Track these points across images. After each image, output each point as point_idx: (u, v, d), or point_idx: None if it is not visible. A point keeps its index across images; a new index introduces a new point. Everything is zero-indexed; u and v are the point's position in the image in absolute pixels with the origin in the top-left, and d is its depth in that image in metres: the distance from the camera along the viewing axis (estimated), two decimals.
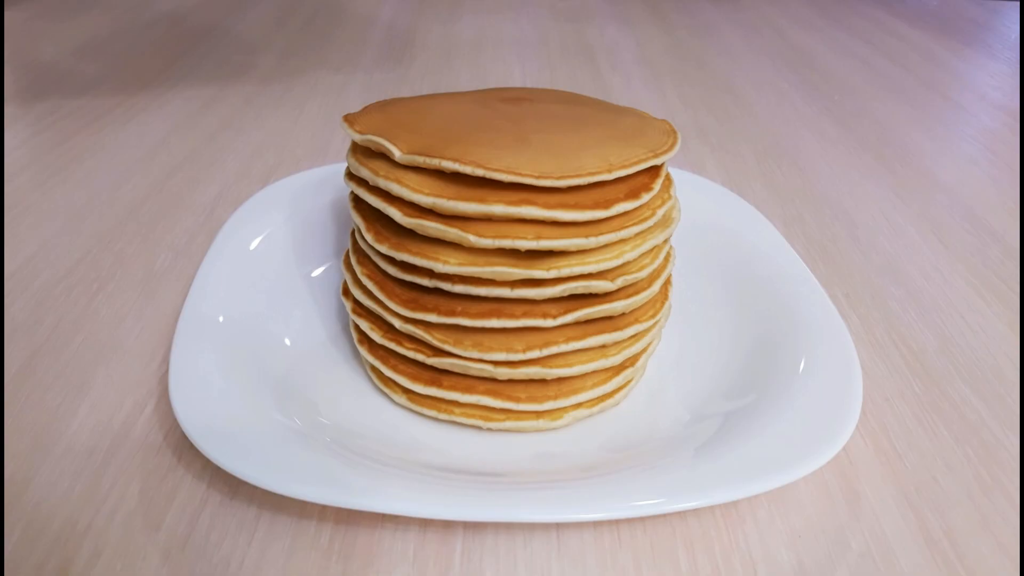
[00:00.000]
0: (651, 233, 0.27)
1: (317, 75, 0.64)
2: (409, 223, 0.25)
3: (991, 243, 0.43)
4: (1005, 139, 0.58)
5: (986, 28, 0.88)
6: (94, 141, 0.50)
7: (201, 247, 0.39)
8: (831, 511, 0.26)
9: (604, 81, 0.66)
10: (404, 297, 0.27)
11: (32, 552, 0.23)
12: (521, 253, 0.25)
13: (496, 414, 0.28)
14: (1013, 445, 0.29)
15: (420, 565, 0.24)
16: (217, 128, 0.53)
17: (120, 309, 0.34)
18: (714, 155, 0.52)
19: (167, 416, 0.28)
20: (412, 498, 0.23)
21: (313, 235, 0.37)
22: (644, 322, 0.28)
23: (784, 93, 0.65)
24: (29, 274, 0.36)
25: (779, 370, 0.29)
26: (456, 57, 0.70)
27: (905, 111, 0.62)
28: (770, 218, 0.39)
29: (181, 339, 0.28)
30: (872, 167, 0.52)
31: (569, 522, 0.24)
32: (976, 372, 0.33)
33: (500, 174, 0.24)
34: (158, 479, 0.26)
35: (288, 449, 0.24)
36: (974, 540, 0.25)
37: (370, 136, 0.27)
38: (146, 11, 0.78)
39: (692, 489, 0.23)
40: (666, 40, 0.78)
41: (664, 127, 0.29)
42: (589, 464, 0.27)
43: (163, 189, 0.45)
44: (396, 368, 0.29)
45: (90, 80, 0.60)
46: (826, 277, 0.39)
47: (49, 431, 0.28)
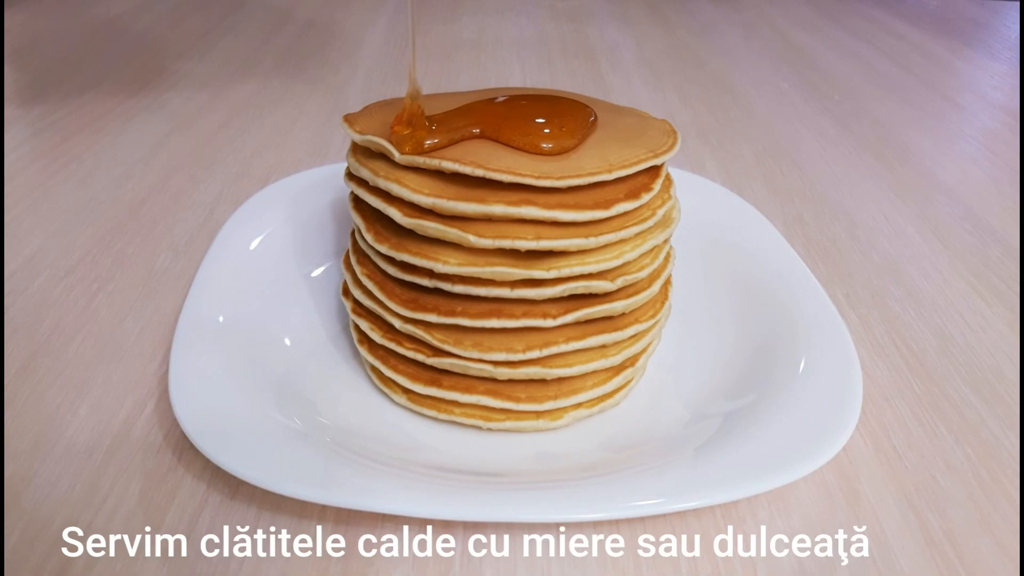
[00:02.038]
0: (651, 233, 0.27)
1: (317, 75, 0.64)
2: (409, 223, 0.25)
3: (991, 243, 0.43)
4: (1005, 139, 0.58)
5: (986, 28, 0.88)
6: (94, 141, 0.50)
7: (201, 247, 0.39)
8: (831, 511, 0.26)
9: (604, 81, 0.66)
10: (404, 297, 0.27)
11: (32, 552, 0.23)
12: (521, 253, 0.25)
13: (496, 414, 0.28)
14: (1013, 445, 0.29)
15: (420, 565, 0.24)
16: (217, 128, 0.53)
17: (120, 309, 0.34)
18: (714, 155, 0.52)
19: (167, 416, 0.28)
20: (412, 498, 0.23)
21: (313, 235, 0.37)
22: (644, 322, 0.28)
23: (784, 93, 0.65)
24: (29, 274, 0.36)
25: (779, 370, 0.29)
26: (456, 57, 0.70)
27: (905, 111, 0.62)
28: (770, 218, 0.38)
29: (181, 339, 0.28)
30: (872, 167, 0.52)
31: (569, 522, 0.24)
32: (976, 372, 0.33)
33: (500, 174, 0.24)
34: (158, 479, 0.26)
35: (288, 449, 0.24)
36: (974, 540, 0.25)
37: (370, 136, 0.27)
38: (146, 11, 0.78)
39: (692, 489, 0.23)
40: (666, 40, 0.78)
41: (664, 127, 0.29)
42: (589, 464, 0.27)
43: (163, 189, 0.45)
44: (396, 368, 0.29)
45: (90, 80, 0.60)
46: (826, 277, 0.39)
47: (49, 431, 0.28)
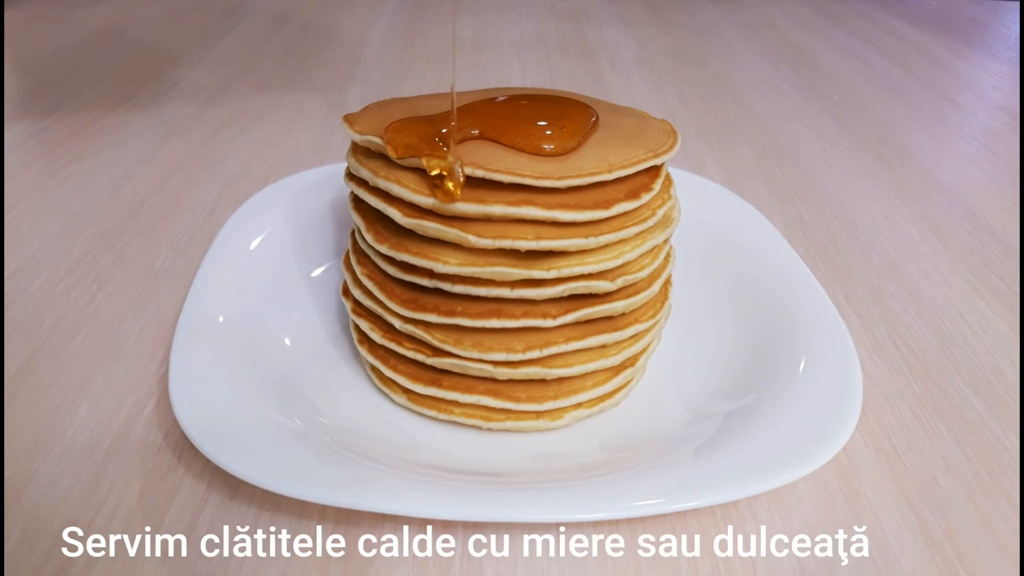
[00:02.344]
0: (651, 233, 0.27)
1: (317, 75, 0.64)
2: (409, 223, 0.25)
3: (991, 243, 0.43)
4: (1005, 139, 0.58)
5: (986, 28, 0.88)
6: (94, 141, 0.50)
7: (201, 247, 0.39)
8: (831, 511, 0.26)
9: (604, 81, 0.66)
10: (404, 297, 0.27)
11: (32, 552, 0.23)
12: (521, 253, 0.25)
13: (496, 414, 0.28)
14: (1013, 445, 0.29)
15: (420, 565, 0.24)
16: (217, 128, 0.53)
17: (120, 309, 0.34)
18: (714, 155, 0.52)
19: (167, 416, 0.28)
20: (412, 498, 0.23)
21: (313, 235, 0.37)
22: (644, 322, 0.28)
23: (784, 93, 0.65)
24: (29, 274, 0.36)
25: (779, 370, 0.29)
26: (456, 57, 0.70)
27: (905, 111, 0.62)
28: (770, 218, 0.38)
29: (181, 339, 0.28)
30: (872, 167, 0.52)
31: (569, 522, 0.24)
32: (976, 372, 0.33)
33: (500, 174, 0.24)
34: (158, 479, 0.26)
35: (288, 449, 0.24)
36: (974, 540, 0.25)
37: (370, 136, 0.27)
38: (146, 11, 0.78)
39: (692, 489, 0.23)
40: (666, 40, 0.78)
41: (664, 127, 0.29)
42: (589, 464, 0.27)
43: (163, 189, 0.45)
44: (396, 368, 0.29)
45: (90, 80, 0.60)
46: (826, 277, 0.39)
47: (49, 431, 0.28)
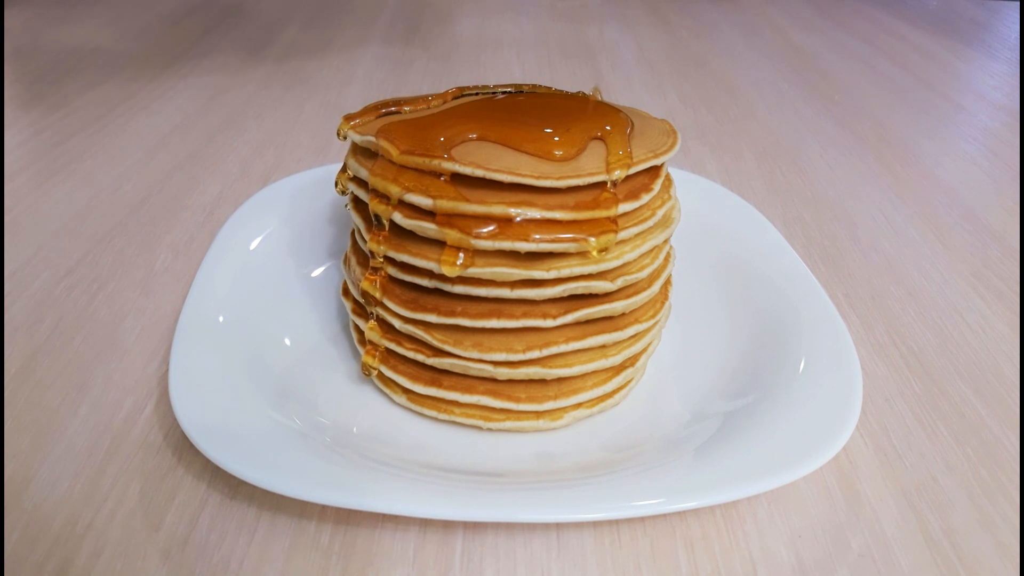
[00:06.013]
0: (651, 233, 0.27)
1: (317, 75, 0.64)
2: (409, 224, 0.25)
3: (991, 243, 0.43)
4: (1005, 139, 0.58)
5: (986, 28, 0.88)
6: (94, 141, 0.50)
7: (201, 247, 0.39)
8: (831, 511, 0.26)
9: (604, 81, 0.66)
10: (404, 297, 0.27)
11: (32, 552, 0.23)
12: (521, 254, 0.25)
13: (496, 414, 0.28)
14: (1013, 445, 0.29)
15: (420, 565, 0.24)
16: (217, 128, 0.53)
17: (120, 309, 0.34)
18: (714, 155, 0.52)
19: (167, 416, 0.28)
20: (412, 498, 0.23)
21: (313, 235, 0.37)
22: (644, 322, 0.28)
23: (784, 93, 0.65)
24: (29, 274, 0.36)
25: (779, 370, 0.29)
26: (456, 57, 0.70)
27: (905, 111, 0.62)
28: (770, 218, 0.39)
29: (181, 339, 0.28)
30: (872, 167, 0.52)
31: (569, 522, 0.24)
32: (976, 372, 0.33)
33: (500, 175, 0.24)
34: (158, 479, 0.26)
35: (288, 449, 0.24)
36: (974, 540, 0.25)
37: (370, 136, 0.27)
38: (146, 11, 0.78)
39: (692, 489, 0.23)
40: (666, 40, 0.78)
41: (664, 127, 0.29)
42: (589, 464, 0.27)
43: (163, 189, 0.45)
44: (396, 368, 0.29)
45: (90, 80, 0.60)
46: (826, 277, 0.39)
47: (49, 431, 0.28)
